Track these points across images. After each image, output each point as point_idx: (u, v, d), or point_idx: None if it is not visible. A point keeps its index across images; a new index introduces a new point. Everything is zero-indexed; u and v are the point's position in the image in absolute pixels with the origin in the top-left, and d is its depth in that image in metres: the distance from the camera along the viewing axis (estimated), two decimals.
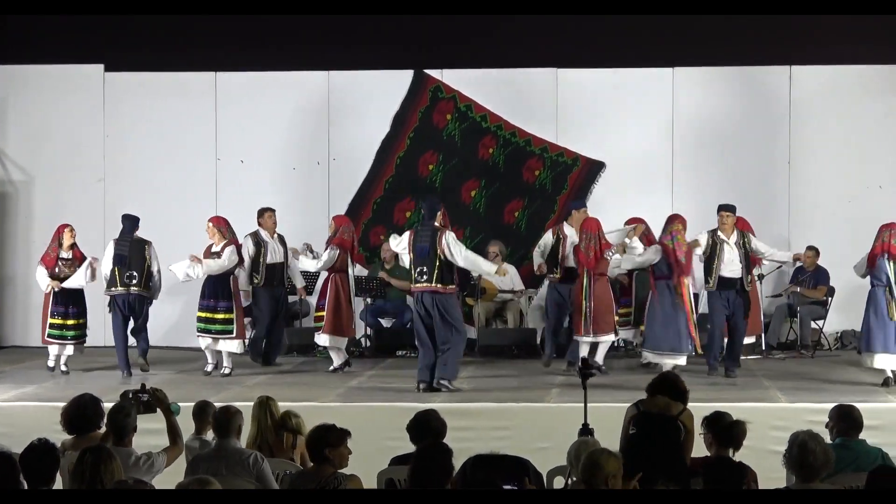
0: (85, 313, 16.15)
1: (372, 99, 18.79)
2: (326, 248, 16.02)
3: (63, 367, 15.98)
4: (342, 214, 17.05)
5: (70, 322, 15.91)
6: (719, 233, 15.37)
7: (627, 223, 16.38)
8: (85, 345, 16.28)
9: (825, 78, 18.81)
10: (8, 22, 19.15)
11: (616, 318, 15.99)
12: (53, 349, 15.97)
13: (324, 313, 16.00)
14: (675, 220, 15.10)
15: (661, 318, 14.95)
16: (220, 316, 15.71)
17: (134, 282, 15.97)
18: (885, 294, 14.61)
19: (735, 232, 15.42)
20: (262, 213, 16.88)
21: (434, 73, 18.53)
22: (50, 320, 15.84)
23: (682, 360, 14.93)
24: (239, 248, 15.90)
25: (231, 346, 15.81)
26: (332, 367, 16.09)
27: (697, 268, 15.55)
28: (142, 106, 19.31)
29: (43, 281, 15.88)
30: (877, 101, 18.68)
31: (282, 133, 19.16)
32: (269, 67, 19.10)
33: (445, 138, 18.26)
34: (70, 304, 15.92)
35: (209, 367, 15.79)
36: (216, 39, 19.09)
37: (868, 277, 14.89)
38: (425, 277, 14.35)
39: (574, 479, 8.25)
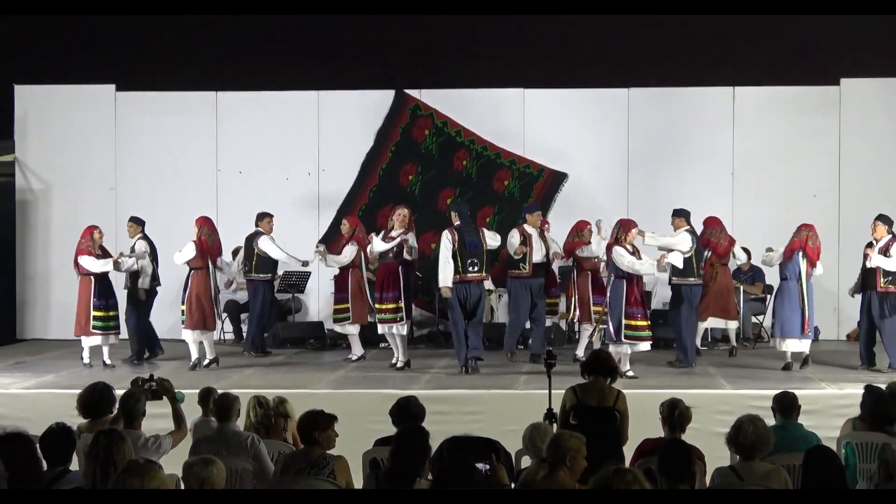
0: (118, 306, 15.89)
1: (357, 116, 18.79)
2: (345, 246, 16.13)
3: (107, 360, 15.52)
4: (353, 216, 17.05)
5: (111, 314, 15.60)
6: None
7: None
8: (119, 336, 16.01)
9: (765, 98, 18.88)
10: (30, 46, 19.23)
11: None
12: (91, 342, 15.53)
13: (345, 305, 16.03)
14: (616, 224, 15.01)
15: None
16: (182, 307, 15.55)
17: (159, 276, 16.20)
18: (797, 287, 14.77)
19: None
20: (262, 217, 16.88)
21: (413, 92, 18.52)
22: (94, 313, 15.42)
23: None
24: (199, 245, 15.37)
25: (184, 335, 15.52)
26: (354, 357, 16.21)
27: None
28: (149, 122, 19.30)
29: (95, 265, 15.40)
30: (810, 119, 18.75)
31: (276, 146, 19.15)
32: (264, 87, 19.11)
33: (424, 151, 18.26)
34: (108, 297, 15.62)
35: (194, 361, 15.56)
36: (217, 62, 19.19)
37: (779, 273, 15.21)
38: (477, 268, 14.89)
39: (532, 459, 8.28)
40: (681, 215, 15.48)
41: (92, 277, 15.50)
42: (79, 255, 15.56)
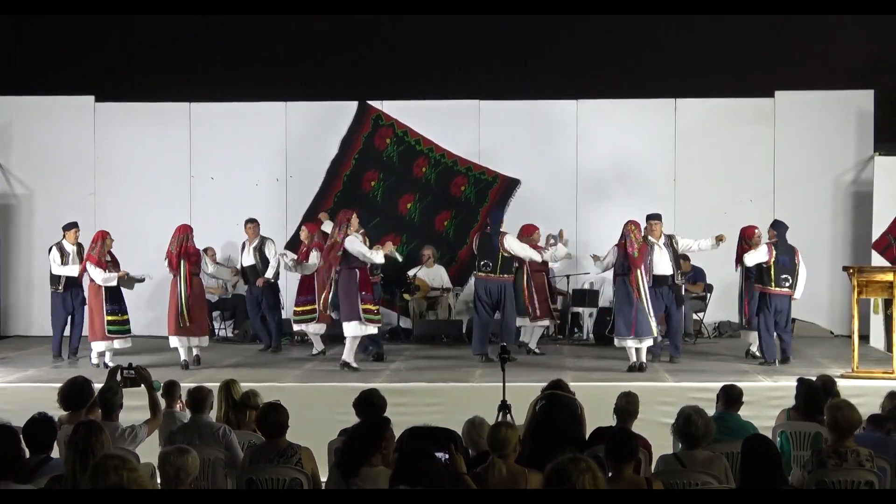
0: (126, 310, 15.27)
1: (323, 126, 18.71)
2: (308, 252, 16.14)
3: (108, 362, 14.60)
4: (312, 223, 16.97)
5: (124, 317, 15.04)
6: (649, 237, 15.06)
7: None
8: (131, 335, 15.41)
9: (704, 109, 18.97)
10: (14, 58, 19.17)
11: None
12: (100, 346, 14.92)
13: (312, 307, 15.97)
14: (628, 224, 14.65)
15: (621, 309, 14.56)
16: None
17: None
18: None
19: (663, 235, 15.24)
20: (245, 223, 17.01)
21: (376, 103, 18.44)
22: (108, 318, 14.85)
23: (644, 343, 14.51)
24: (169, 256, 15.00)
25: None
26: (315, 352, 16.19)
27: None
28: (127, 131, 19.22)
29: (99, 276, 14.86)
30: (747, 129, 18.86)
31: (246, 154, 19.10)
32: (235, 98, 19.07)
33: (385, 159, 18.18)
34: (117, 301, 15.06)
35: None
36: (190, 75, 19.20)
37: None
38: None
39: (473, 452, 8.29)
40: (660, 219, 15.36)
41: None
42: (88, 262, 15.08)
